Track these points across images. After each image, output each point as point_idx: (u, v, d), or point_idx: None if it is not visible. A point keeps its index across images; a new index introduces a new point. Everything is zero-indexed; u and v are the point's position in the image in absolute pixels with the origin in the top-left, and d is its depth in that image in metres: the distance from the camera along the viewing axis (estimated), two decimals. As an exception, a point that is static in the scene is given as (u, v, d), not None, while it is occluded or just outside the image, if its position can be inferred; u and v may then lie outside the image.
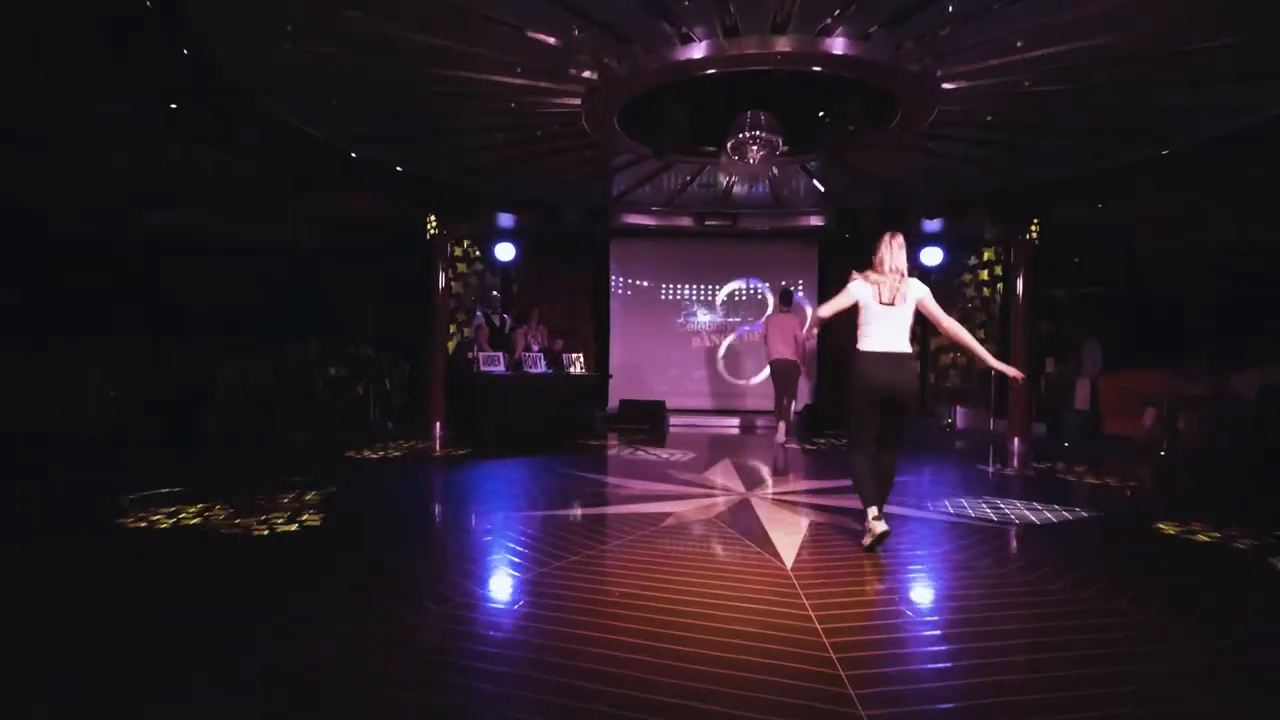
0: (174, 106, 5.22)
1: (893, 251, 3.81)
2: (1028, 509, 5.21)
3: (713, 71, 4.99)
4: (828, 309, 3.84)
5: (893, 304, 3.72)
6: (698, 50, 4.75)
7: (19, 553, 3.72)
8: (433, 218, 8.89)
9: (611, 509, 4.99)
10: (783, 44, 4.58)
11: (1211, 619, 2.89)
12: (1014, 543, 4.18)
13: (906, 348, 3.74)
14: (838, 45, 4.61)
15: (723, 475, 6.27)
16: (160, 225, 9.45)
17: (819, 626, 2.72)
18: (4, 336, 7.14)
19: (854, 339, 3.82)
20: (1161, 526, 4.48)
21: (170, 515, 4.35)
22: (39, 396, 6.45)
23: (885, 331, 3.72)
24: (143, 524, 4.16)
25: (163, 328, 9.10)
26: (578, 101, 5.74)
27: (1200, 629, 2.78)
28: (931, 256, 11.10)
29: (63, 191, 7.96)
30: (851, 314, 3.80)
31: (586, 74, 5.26)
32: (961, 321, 3.62)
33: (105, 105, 5.27)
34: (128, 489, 4.94)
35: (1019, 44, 4.49)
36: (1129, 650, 2.57)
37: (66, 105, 5.44)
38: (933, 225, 9.70)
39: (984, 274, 11.32)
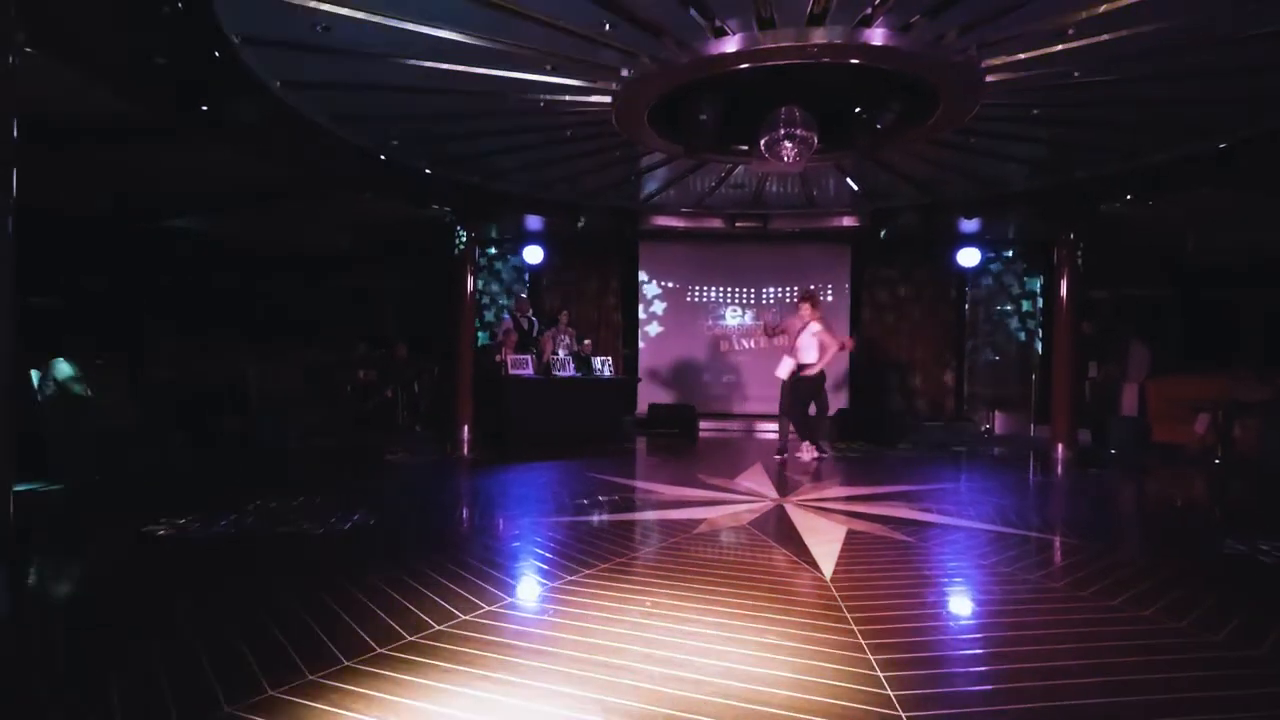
0: (204, 109, 5.24)
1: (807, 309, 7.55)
2: (1077, 518, 4.99)
3: (747, 66, 4.87)
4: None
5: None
6: (731, 44, 4.62)
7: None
8: (460, 220, 8.87)
9: (641, 515, 4.88)
10: (820, 36, 4.43)
11: (1292, 641, 2.68)
12: (1064, 555, 3.97)
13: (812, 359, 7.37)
14: (877, 36, 4.46)
15: (755, 481, 6.11)
16: (189, 228, 9.59)
17: (864, 642, 2.57)
18: (40, 340, 7.25)
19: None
20: (1227, 540, 4.23)
21: (184, 524, 4.35)
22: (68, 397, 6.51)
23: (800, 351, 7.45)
24: (172, 531, 4.16)
25: (192, 331, 9.23)
26: (608, 99, 5.65)
27: (1272, 654, 2.57)
28: (969, 257, 10.81)
29: (94, 195, 8.10)
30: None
31: (617, 70, 5.17)
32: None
33: (135, 108, 5.31)
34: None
35: (1070, 32, 4.29)
36: (1197, 675, 2.38)
37: (96, 108, 5.49)
38: (970, 225, 9.43)
39: (1019, 275, 11.00)
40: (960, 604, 3.18)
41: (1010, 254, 11.06)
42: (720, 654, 2.46)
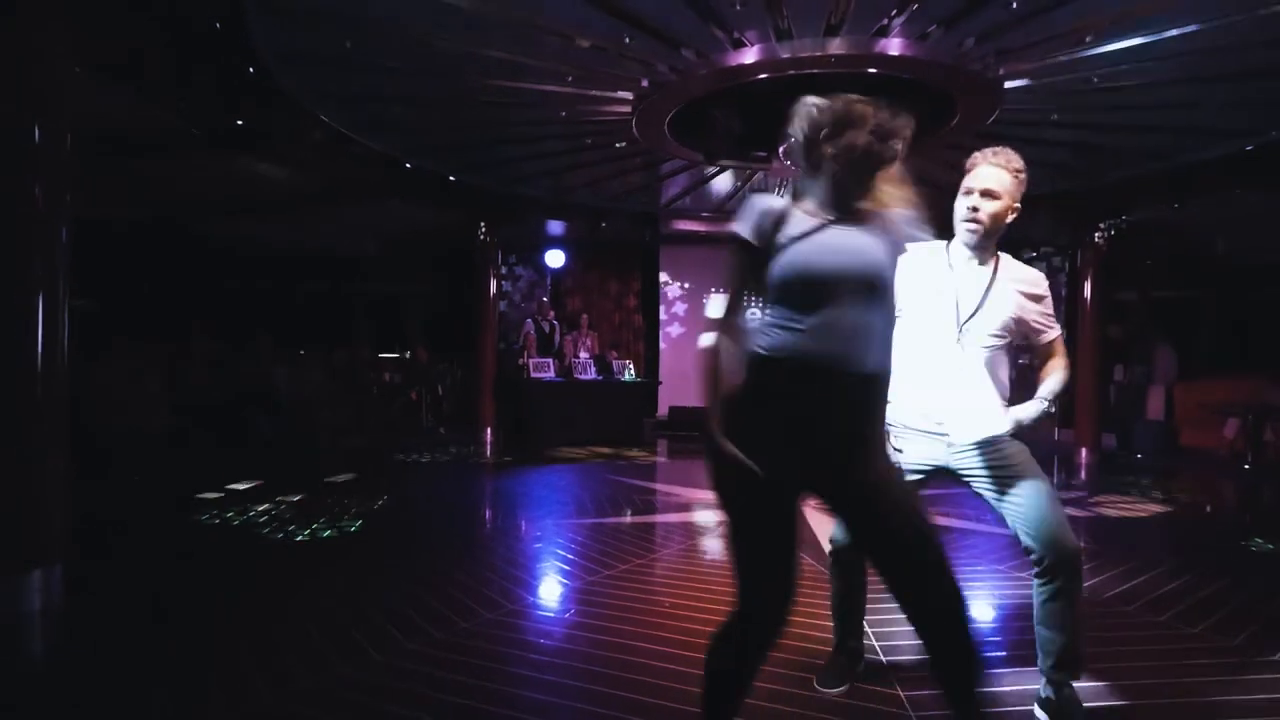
0: (240, 123, 5.44)
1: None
2: (1098, 524, 4.97)
3: (765, 76, 4.93)
4: None
5: None
6: (750, 55, 4.70)
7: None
8: (483, 225, 9.03)
9: (660, 517, 4.96)
10: (837, 46, 4.49)
11: (1307, 649, 2.68)
12: (1087, 561, 3.97)
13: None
14: (894, 46, 4.50)
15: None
16: (221, 234, 9.87)
17: (877, 645, 2.63)
18: (82, 341, 7.53)
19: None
20: (1248, 545, 4.20)
21: (230, 516, 4.52)
22: (108, 397, 6.78)
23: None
24: (216, 520, 4.33)
25: (222, 333, 9.51)
26: (628, 109, 5.75)
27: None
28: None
29: (131, 204, 8.40)
30: None
31: (637, 81, 5.27)
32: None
33: (174, 121, 5.53)
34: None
35: (1089, 39, 4.30)
36: (1212, 680, 2.40)
37: (137, 122, 5.73)
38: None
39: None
40: (973, 608, 3.22)
41: (1035, 255, 10.95)
42: (735, 654, 2.54)
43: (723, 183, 8.29)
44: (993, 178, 2.06)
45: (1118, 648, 2.65)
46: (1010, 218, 2.08)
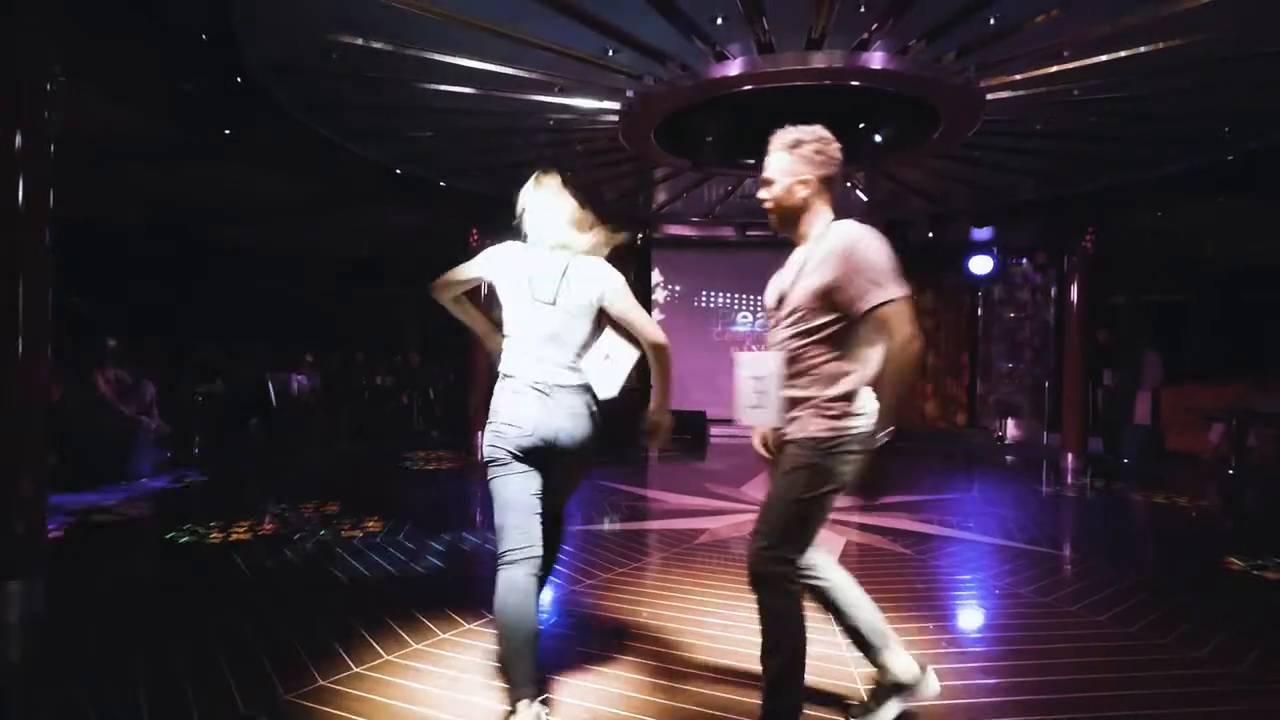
0: (227, 133, 5.47)
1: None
2: (1079, 531, 5.02)
3: (749, 87, 4.97)
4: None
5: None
6: (733, 68, 4.73)
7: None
8: (474, 230, 9.06)
9: (646, 524, 5.00)
10: (818, 60, 4.53)
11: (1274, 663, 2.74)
12: (1064, 569, 4.03)
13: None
14: (875, 60, 4.54)
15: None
16: (215, 239, 9.90)
17: (848, 655, 2.67)
18: (79, 344, 7.56)
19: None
20: (1229, 559, 4.25)
21: (219, 529, 4.55)
22: (105, 399, 6.78)
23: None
24: (191, 539, 4.36)
25: (217, 336, 9.53)
26: (615, 118, 5.79)
27: (1257, 672, 2.63)
28: (981, 265, 10.79)
29: (128, 208, 8.43)
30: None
31: (623, 91, 5.31)
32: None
33: (166, 132, 5.56)
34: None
35: (1065, 54, 4.35)
36: (1177, 691, 2.45)
37: (132, 132, 5.76)
38: (982, 234, 9.45)
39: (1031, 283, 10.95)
40: (954, 620, 3.26)
41: (1023, 261, 11.02)
42: (709, 664, 2.59)
43: (715, 187, 8.34)
44: (768, 165, 2.07)
45: (1085, 658, 2.71)
46: (804, 192, 2.01)
